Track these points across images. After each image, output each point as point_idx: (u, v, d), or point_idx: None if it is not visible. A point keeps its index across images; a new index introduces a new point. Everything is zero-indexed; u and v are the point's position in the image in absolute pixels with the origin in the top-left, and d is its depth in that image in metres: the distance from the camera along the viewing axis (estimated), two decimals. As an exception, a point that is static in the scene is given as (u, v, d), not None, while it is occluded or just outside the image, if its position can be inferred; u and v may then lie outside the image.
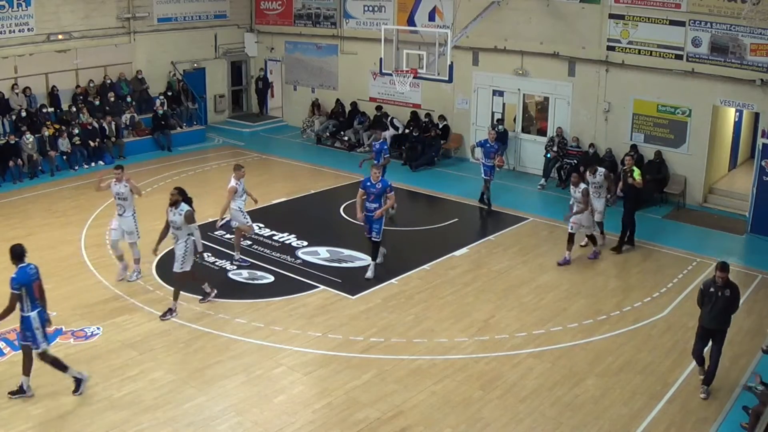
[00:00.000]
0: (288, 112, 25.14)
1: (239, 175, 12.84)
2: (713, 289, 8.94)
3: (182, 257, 10.97)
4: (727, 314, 9.02)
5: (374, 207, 12.15)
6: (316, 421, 8.57)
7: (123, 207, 12.20)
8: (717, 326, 9.01)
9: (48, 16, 19.95)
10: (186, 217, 10.91)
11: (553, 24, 18.36)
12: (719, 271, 8.93)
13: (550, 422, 8.61)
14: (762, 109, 15.86)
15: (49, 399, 8.79)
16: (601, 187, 13.89)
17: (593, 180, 13.77)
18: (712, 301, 8.93)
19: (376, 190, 12.12)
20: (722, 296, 8.89)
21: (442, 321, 11.11)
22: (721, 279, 8.89)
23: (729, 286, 8.95)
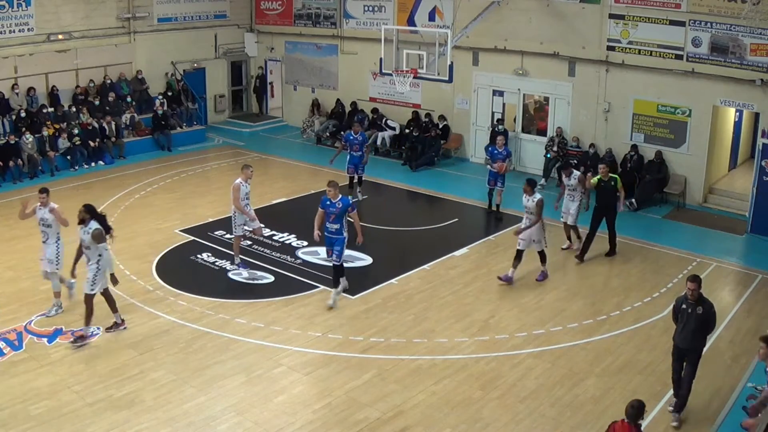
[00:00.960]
0: (288, 112, 25.14)
1: (247, 176, 12.47)
2: (685, 306, 8.40)
3: (92, 279, 9.97)
4: (701, 334, 8.41)
5: (335, 228, 11.21)
6: (316, 421, 8.57)
7: (46, 234, 10.98)
8: (689, 345, 8.42)
9: (48, 16, 19.95)
10: (94, 236, 9.87)
11: (553, 24, 18.36)
12: (689, 283, 8.31)
13: (550, 422, 8.61)
14: (762, 109, 15.86)
15: (49, 399, 8.78)
16: (574, 190, 13.54)
17: (567, 182, 13.50)
18: (684, 319, 8.40)
19: (336, 209, 11.09)
20: (693, 314, 8.30)
21: (442, 321, 11.11)
22: (691, 293, 8.28)
23: (702, 303, 8.33)
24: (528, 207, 12.27)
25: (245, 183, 12.41)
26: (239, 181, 12.38)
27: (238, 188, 12.35)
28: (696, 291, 8.27)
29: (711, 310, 8.36)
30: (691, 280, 8.31)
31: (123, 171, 19.16)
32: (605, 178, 13.23)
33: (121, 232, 14.51)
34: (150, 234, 14.55)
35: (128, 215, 15.67)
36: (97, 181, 18.32)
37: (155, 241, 14.12)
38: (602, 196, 13.35)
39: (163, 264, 13.05)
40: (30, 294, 11.69)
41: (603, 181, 13.27)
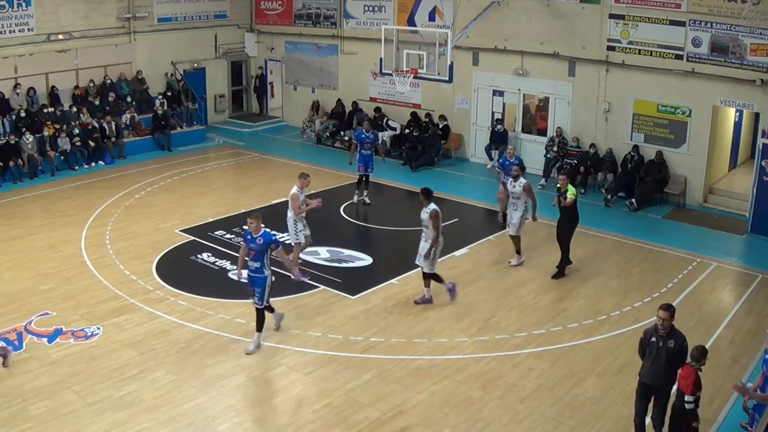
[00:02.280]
0: (288, 112, 25.14)
1: (303, 184, 12.26)
2: (654, 339, 7.51)
3: None
4: (672, 370, 7.47)
5: (255, 266, 9.74)
6: (316, 421, 8.57)
7: None
8: (658, 383, 7.54)
9: (48, 16, 19.95)
10: None
11: (553, 24, 18.36)
12: (660, 311, 7.45)
13: (550, 422, 8.61)
14: (762, 109, 15.86)
15: (49, 399, 8.78)
16: (518, 198, 12.83)
17: (512, 189, 12.83)
18: (652, 354, 7.50)
19: (257, 246, 9.62)
20: (664, 348, 7.43)
21: (442, 321, 11.11)
22: (662, 323, 7.42)
23: (673, 335, 7.46)
24: (423, 220, 11.09)
25: (301, 191, 12.27)
26: (296, 189, 12.22)
27: (297, 197, 12.23)
28: (668, 322, 7.43)
29: (683, 344, 7.46)
30: (663, 309, 7.49)
31: (123, 171, 19.16)
32: (563, 188, 12.40)
33: (121, 232, 14.58)
34: (150, 234, 14.55)
35: (128, 215, 15.67)
36: (97, 181, 18.32)
37: (155, 241, 14.12)
38: (562, 208, 12.52)
39: (163, 264, 13.05)
40: (30, 294, 11.69)
41: (559, 191, 12.53)
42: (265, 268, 9.81)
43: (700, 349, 7.42)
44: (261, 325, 10.07)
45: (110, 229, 14.78)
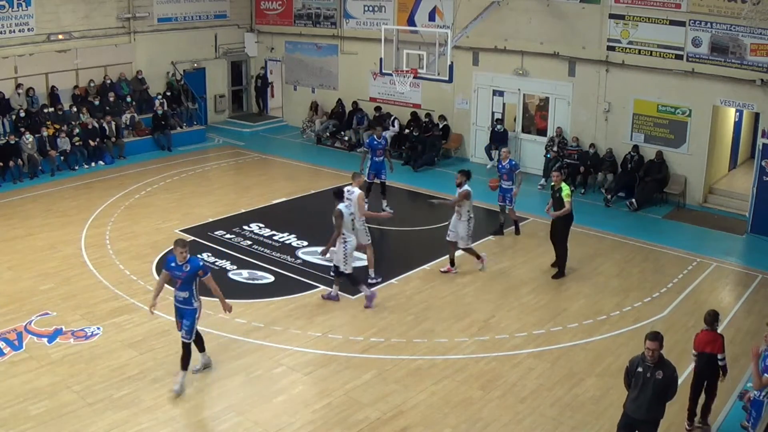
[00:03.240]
0: (288, 112, 25.14)
1: (359, 183, 12.30)
2: (641, 369, 7.04)
3: None
4: (659, 403, 7.13)
5: (183, 297, 8.88)
6: (316, 421, 8.57)
7: None
8: (645, 416, 7.11)
9: (48, 16, 19.95)
10: None
11: (553, 24, 18.36)
12: (648, 342, 6.99)
13: (550, 422, 8.61)
14: (762, 109, 15.86)
15: (49, 399, 8.78)
16: (460, 206, 12.31)
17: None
18: (639, 385, 7.04)
19: (183, 273, 8.77)
20: (652, 379, 6.97)
21: (442, 321, 11.11)
22: (650, 354, 6.96)
23: (662, 366, 7.00)
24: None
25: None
26: (359, 190, 12.16)
27: (363, 197, 12.21)
28: (656, 352, 6.94)
29: (673, 375, 7.05)
30: (650, 339, 6.98)
31: (123, 171, 19.16)
32: (557, 186, 12.45)
33: (121, 232, 14.58)
34: (150, 234, 14.55)
35: (128, 215, 15.67)
36: (97, 181, 18.32)
37: (155, 241, 14.12)
38: (554, 205, 12.55)
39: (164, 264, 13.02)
40: (30, 294, 11.69)
41: (553, 188, 12.60)
42: (193, 298, 8.87)
43: (713, 314, 8.22)
44: (187, 362, 9.00)
45: (110, 229, 14.78)
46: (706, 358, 8.20)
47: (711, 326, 8.20)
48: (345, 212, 11.22)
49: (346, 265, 11.30)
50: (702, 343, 8.22)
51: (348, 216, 11.29)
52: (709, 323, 8.20)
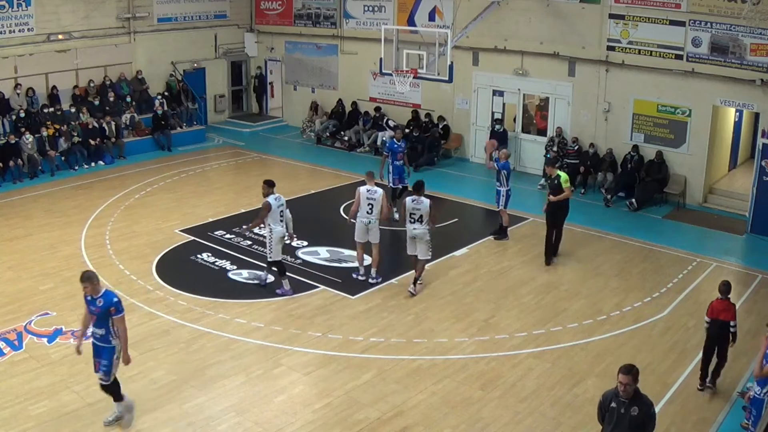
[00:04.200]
0: (288, 112, 25.14)
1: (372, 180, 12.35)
2: (615, 404, 6.46)
3: None
4: None
5: (100, 334, 8.13)
6: (316, 421, 8.57)
7: None
8: None
9: (48, 16, 19.95)
10: None
11: (553, 24, 18.36)
12: (620, 375, 6.36)
13: (550, 422, 8.61)
14: (762, 109, 15.86)
15: (49, 399, 8.78)
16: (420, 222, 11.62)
17: (415, 206, 11.58)
18: (613, 421, 6.48)
19: (97, 309, 8.03)
20: (627, 416, 6.39)
21: (442, 321, 11.11)
22: (623, 389, 6.35)
23: (637, 401, 6.41)
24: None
25: None
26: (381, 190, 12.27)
27: (386, 196, 12.35)
28: (630, 387, 6.35)
29: (650, 412, 6.47)
30: (623, 372, 6.36)
31: (123, 171, 19.16)
32: (552, 176, 13.24)
33: (121, 232, 14.58)
34: (150, 234, 14.55)
35: (128, 215, 15.67)
36: (97, 181, 18.33)
37: (155, 241, 14.12)
38: (551, 192, 13.26)
39: (163, 264, 13.05)
40: (30, 294, 11.69)
41: (549, 178, 13.44)
42: (111, 335, 8.10)
43: (727, 284, 9.03)
44: (118, 393, 8.27)
45: (110, 229, 14.78)
46: (719, 324, 8.96)
47: (725, 295, 8.97)
48: (274, 204, 11.49)
49: (271, 252, 11.64)
50: (716, 311, 8.98)
51: (276, 207, 11.50)
52: (723, 292, 8.97)
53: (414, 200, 11.64)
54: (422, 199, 11.63)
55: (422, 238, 11.67)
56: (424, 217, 11.56)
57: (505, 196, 14.24)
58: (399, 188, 15.44)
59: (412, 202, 11.63)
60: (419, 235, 11.64)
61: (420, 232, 11.63)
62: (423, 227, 11.60)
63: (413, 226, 11.66)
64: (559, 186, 12.98)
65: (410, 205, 11.65)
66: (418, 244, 11.71)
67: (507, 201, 14.30)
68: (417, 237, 11.66)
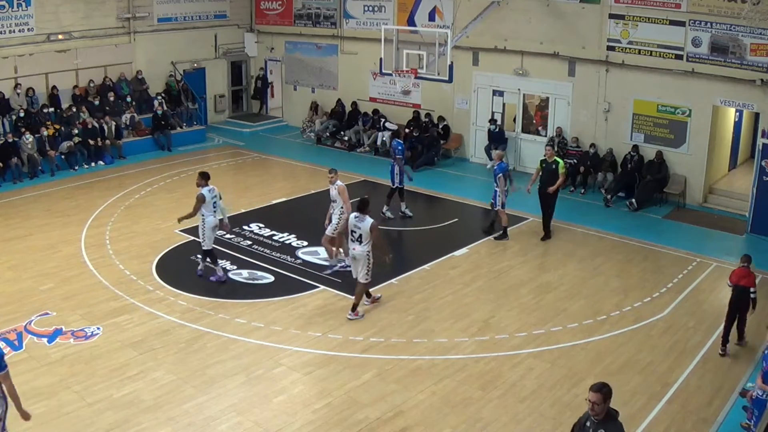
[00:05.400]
0: (288, 112, 25.14)
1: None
2: (589, 424, 6.05)
3: None
4: None
5: None
6: (316, 421, 8.57)
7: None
8: None
9: (48, 16, 19.96)
10: None
11: (553, 24, 18.36)
12: (590, 393, 5.90)
13: (550, 422, 8.61)
14: (762, 109, 15.86)
15: (49, 399, 8.78)
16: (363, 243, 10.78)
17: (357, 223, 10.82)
18: None
19: None
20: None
21: (442, 321, 11.11)
22: (591, 408, 5.89)
23: (606, 424, 5.91)
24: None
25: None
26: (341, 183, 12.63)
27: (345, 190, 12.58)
28: (598, 406, 5.85)
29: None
30: (592, 390, 5.90)
31: (123, 171, 19.16)
32: (549, 160, 14.23)
33: (121, 232, 14.59)
34: (150, 234, 14.55)
35: (128, 215, 15.68)
36: (97, 181, 18.33)
37: (155, 241, 14.12)
38: (544, 175, 14.28)
39: (163, 264, 13.05)
40: (30, 294, 11.70)
41: (546, 162, 14.29)
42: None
43: (747, 255, 10.14)
44: None
45: (110, 229, 14.78)
46: (740, 290, 9.90)
47: (746, 263, 9.99)
48: (207, 196, 11.94)
49: (204, 241, 12.08)
50: (737, 277, 9.96)
51: (210, 199, 11.95)
52: (744, 261, 10.04)
53: (357, 217, 10.81)
54: (365, 218, 10.73)
55: (362, 260, 10.81)
56: (364, 237, 10.69)
57: (503, 197, 14.29)
58: (401, 187, 15.51)
59: (355, 219, 10.83)
60: (358, 256, 10.81)
61: (359, 253, 10.78)
62: (363, 248, 10.75)
63: (353, 245, 10.87)
64: (555, 171, 14.08)
65: (352, 221, 10.88)
66: (358, 266, 10.91)
67: (504, 203, 14.36)
68: (356, 258, 10.87)
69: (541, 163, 14.47)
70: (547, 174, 14.24)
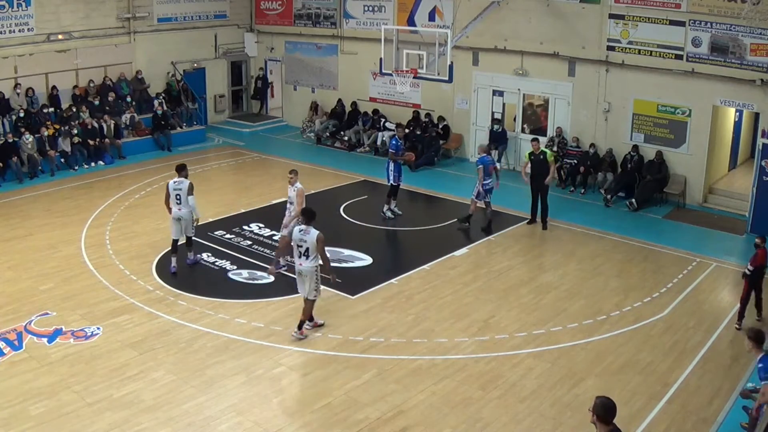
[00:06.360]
0: (288, 112, 25.14)
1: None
2: None
3: None
4: None
5: None
6: (316, 421, 8.57)
7: None
8: None
9: (48, 16, 19.96)
10: None
11: (553, 24, 18.36)
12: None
13: (550, 422, 8.61)
14: (762, 109, 15.86)
15: (49, 399, 8.78)
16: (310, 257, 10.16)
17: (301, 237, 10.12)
18: None
19: None
20: None
21: (442, 321, 11.11)
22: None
23: None
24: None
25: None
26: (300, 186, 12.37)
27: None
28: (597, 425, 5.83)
29: None
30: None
31: (123, 171, 19.16)
32: (536, 152, 14.79)
33: (121, 232, 14.59)
34: (150, 234, 14.56)
35: (128, 215, 15.68)
36: (97, 181, 18.33)
37: (155, 241, 14.12)
38: (533, 167, 14.88)
39: (163, 264, 13.05)
40: (30, 294, 11.69)
41: (534, 154, 14.84)
42: None
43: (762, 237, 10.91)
44: None
45: (110, 229, 14.79)
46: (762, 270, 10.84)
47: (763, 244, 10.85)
48: (170, 186, 12.60)
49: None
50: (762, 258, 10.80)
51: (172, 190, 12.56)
52: (762, 242, 10.87)
53: (301, 230, 10.07)
54: (311, 230, 10.02)
55: (309, 275, 10.13)
56: (311, 251, 10.00)
57: (479, 187, 14.72)
58: (397, 186, 15.53)
59: (300, 233, 10.07)
60: (306, 272, 10.11)
61: (306, 268, 10.08)
62: (310, 263, 10.06)
63: (299, 260, 10.13)
64: (544, 161, 14.78)
65: (297, 235, 10.11)
66: (305, 282, 10.21)
67: (479, 194, 14.76)
68: (303, 273, 10.15)
69: (528, 156, 15.04)
70: (538, 166, 14.83)
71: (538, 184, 14.97)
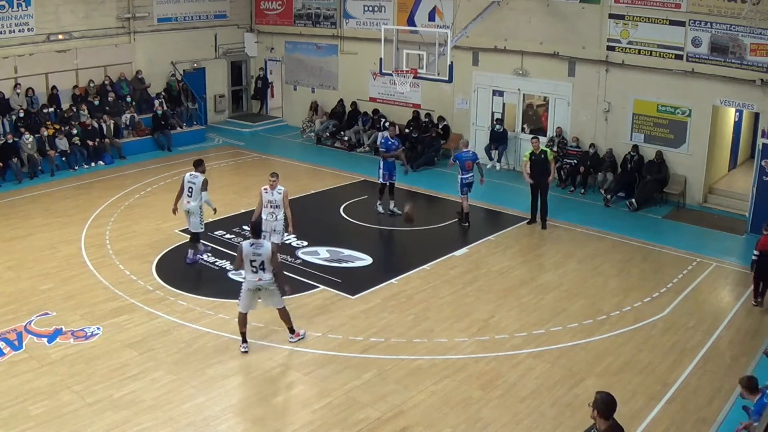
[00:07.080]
0: (288, 112, 25.14)
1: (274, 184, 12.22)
2: None
3: None
4: None
5: None
6: (316, 421, 8.57)
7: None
8: None
9: (48, 16, 19.95)
10: None
11: (553, 24, 18.36)
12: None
13: (550, 422, 8.61)
14: (762, 109, 15.86)
15: (49, 399, 8.78)
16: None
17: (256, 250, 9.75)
18: None
19: None
20: None
21: (442, 321, 11.11)
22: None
23: None
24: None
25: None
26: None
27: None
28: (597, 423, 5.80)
29: None
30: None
31: (123, 171, 19.16)
32: (537, 151, 14.80)
33: (121, 232, 14.59)
34: (150, 234, 14.56)
35: (128, 215, 15.68)
36: (97, 181, 18.33)
37: (155, 241, 14.12)
38: (534, 167, 14.87)
39: (163, 264, 13.05)
40: (30, 294, 11.69)
41: (534, 154, 14.85)
42: None
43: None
44: None
45: (110, 229, 14.78)
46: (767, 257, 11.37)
47: None
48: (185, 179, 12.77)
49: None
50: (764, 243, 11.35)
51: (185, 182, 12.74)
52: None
53: (252, 244, 9.70)
54: (262, 242, 9.78)
55: (270, 289, 9.87)
56: (266, 264, 9.65)
57: (459, 183, 15.06)
58: (387, 184, 15.57)
59: (251, 247, 9.68)
60: (267, 285, 9.78)
61: (267, 281, 9.75)
62: (268, 276, 9.72)
63: (256, 276, 9.70)
64: (545, 160, 14.79)
65: (248, 250, 9.68)
66: (272, 295, 9.92)
67: (463, 188, 15.07)
68: (264, 288, 9.80)
69: (529, 156, 14.97)
70: (539, 164, 14.82)
71: (539, 183, 14.96)
